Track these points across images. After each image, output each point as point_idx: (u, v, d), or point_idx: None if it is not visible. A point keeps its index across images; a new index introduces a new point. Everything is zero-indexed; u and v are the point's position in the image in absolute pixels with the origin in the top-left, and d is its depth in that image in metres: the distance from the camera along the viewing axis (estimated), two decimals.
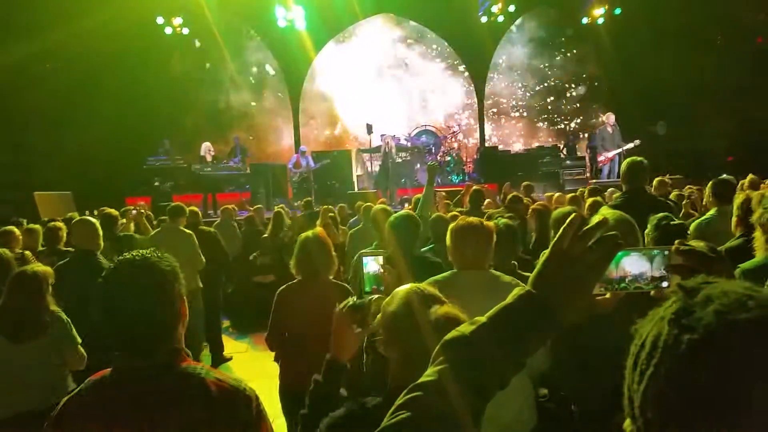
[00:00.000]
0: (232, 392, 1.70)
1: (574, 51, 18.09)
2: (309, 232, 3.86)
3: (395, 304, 1.91)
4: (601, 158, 13.39)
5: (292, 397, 3.71)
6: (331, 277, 3.82)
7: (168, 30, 15.92)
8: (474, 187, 7.70)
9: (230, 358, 7.20)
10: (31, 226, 6.50)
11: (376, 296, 2.12)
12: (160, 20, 15.70)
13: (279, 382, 3.77)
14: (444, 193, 9.37)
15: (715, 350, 0.69)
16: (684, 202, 6.38)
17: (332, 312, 1.94)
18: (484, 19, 17.23)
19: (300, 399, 1.98)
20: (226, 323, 8.28)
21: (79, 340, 3.57)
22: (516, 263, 3.79)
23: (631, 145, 12.58)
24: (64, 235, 5.87)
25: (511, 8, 16.84)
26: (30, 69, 13.89)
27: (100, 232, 4.75)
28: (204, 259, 6.50)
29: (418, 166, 15.80)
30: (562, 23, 17.85)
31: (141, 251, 1.77)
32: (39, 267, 3.62)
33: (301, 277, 3.77)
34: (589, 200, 5.84)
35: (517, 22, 17.89)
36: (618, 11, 16.58)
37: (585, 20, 17.30)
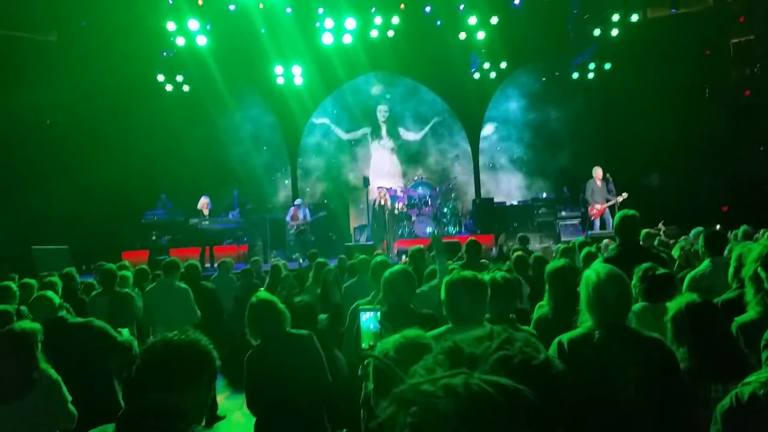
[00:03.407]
0: None
1: (566, 105, 18.44)
2: (253, 297, 3.85)
3: (381, 351, 1.93)
4: (593, 211, 13.49)
5: None
6: (288, 329, 3.77)
7: (169, 87, 16.25)
8: (470, 239, 7.72)
9: (224, 417, 7.05)
10: (26, 281, 6.48)
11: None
12: (161, 77, 16.04)
13: None
14: None
15: None
16: (679, 254, 6.40)
17: (302, 363, 1.97)
18: (476, 76, 17.68)
19: None
20: (220, 381, 8.15)
21: (69, 398, 3.51)
22: (514, 316, 3.79)
23: (620, 199, 12.71)
24: (60, 289, 5.86)
25: (503, 65, 17.29)
26: (29, 124, 14.11)
27: (57, 301, 4.76)
28: (200, 313, 6.46)
29: (415, 218, 15.91)
30: (554, 79, 18.26)
31: (171, 334, 1.94)
32: (27, 324, 3.59)
33: (260, 341, 3.74)
34: (584, 251, 5.87)
35: (509, 77, 18.31)
36: (608, 66, 17.02)
37: (575, 75, 17.73)
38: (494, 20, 15.80)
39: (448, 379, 0.73)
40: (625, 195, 12.73)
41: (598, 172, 13.47)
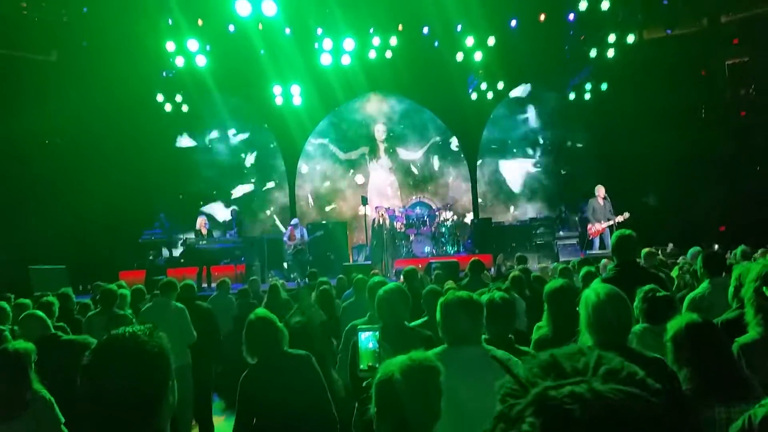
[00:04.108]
0: None
1: (563, 125, 18.54)
2: (252, 314, 3.73)
3: (386, 373, 1.89)
4: (591, 230, 13.47)
5: None
6: (285, 348, 3.67)
7: (168, 107, 16.29)
8: (474, 258, 7.74)
9: None
10: (21, 300, 6.43)
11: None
12: (160, 98, 16.09)
13: None
14: None
15: None
16: (678, 274, 6.38)
17: (298, 385, 1.85)
18: (474, 96, 17.78)
19: None
20: (217, 402, 8.06)
21: (62, 419, 3.45)
22: (512, 336, 3.76)
23: (620, 219, 12.68)
24: (56, 309, 5.80)
25: (500, 85, 17.40)
26: (28, 143, 14.13)
27: (49, 322, 4.68)
28: (195, 334, 6.41)
29: (413, 237, 15.89)
30: (551, 99, 18.35)
31: (131, 328, 1.70)
32: (21, 344, 3.53)
33: (257, 359, 3.63)
34: (583, 270, 5.84)
35: (506, 98, 18.42)
36: (605, 87, 17.13)
37: (572, 96, 17.84)
38: (491, 41, 15.95)
39: (572, 387, 0.71)
40: (626, 215, 12.70)
41: (600, 190, 13.46)
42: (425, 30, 16.41)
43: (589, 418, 0.68)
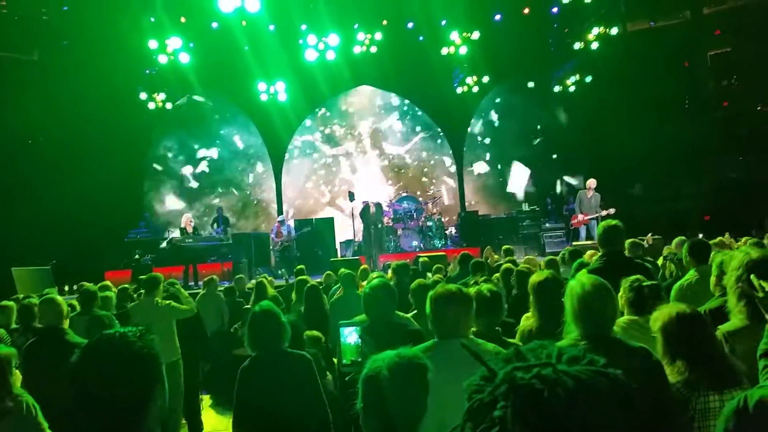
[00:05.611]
0: None
1: (549, 118, 18.60)
2: (256, 307, 3.66)
3: (374, 369, 1.88)
4: (574, 221, 13.53)
5: None
6: (286, 346, 3.61)
7: (151, 105, 16.11)
8: (463, 251, 7.76)
9: None
10: (4, 303, 6.34)
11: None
12: (143, 96, 15.91)
13: None
14: None
15: None
16: (662, 264, 6.41)
17: (295, 384, 1.85)
18: (459, 90, 17.78)
19: None
20: (205, 399, 8.03)
21: (46, 424, 3.36)
22: (500, 329, 3.76)
23: (604, 213, 12.74)
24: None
25: (485, 79, 17.41)
26: (11, 143, 13.94)
27: (66, 310, 4.61)
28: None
29: (400, 232, 15.89)
30: (535, 92, 18.40)
31: (121, 329, 1.68)
32: (1, 349, 3.46)
33: (257, 353, 3.56)
34: (576, 263, 5.84)
35: (492, 91, 18.44)
36: (589, 79, 17.20)
37: (557, 88, 17.89)
38: (476, 35, 15.96)
39: (538, 369, 0.74)
40: (612, 210, 12.75)
41: (591, 183, 13.52)
42: (410, 25, 16.40)
43: (560, 396, 0.70)
